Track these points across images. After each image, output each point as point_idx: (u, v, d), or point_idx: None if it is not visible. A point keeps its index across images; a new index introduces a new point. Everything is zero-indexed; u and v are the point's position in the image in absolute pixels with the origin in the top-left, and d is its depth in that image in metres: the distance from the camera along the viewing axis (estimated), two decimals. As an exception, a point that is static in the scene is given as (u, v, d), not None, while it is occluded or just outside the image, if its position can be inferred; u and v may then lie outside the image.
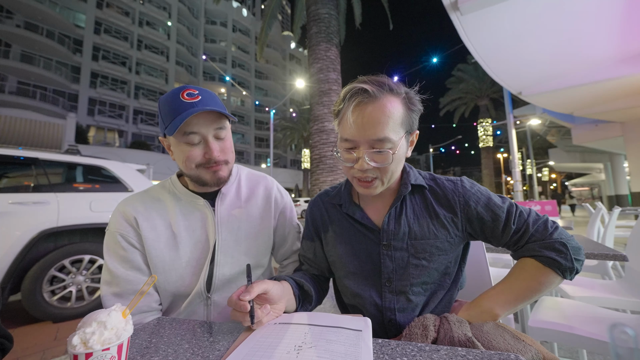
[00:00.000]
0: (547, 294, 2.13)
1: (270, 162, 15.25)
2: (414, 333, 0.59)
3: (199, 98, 0.71)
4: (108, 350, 0.38)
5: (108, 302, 0.70)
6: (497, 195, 0.73)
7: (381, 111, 0.61)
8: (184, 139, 0.71)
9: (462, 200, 0.70)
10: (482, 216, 0.69)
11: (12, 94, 18.03)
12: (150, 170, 4.51)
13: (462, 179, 0.75)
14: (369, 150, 0.63)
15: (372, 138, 0.62)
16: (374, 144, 0.62)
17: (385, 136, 0.61)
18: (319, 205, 0.85)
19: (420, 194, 0.74)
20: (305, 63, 38.80)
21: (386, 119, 0.62)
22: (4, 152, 2.34)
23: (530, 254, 0.67)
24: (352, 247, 0.74)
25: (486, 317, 0.64)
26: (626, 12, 4.57)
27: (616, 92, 6.68)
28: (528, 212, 0.69)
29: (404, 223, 0.70)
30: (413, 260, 0.68)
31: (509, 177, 29.43)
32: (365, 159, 0.63)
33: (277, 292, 0.61)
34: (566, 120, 11.24)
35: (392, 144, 0.62)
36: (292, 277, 0.74)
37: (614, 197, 14.92)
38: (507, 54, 5.93)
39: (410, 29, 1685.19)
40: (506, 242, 0.70)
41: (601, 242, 2.41)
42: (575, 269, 0.64)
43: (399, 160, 0.66)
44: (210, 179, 0.75)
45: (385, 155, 0.63)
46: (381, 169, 0.65)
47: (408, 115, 0.66)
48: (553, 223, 0.68)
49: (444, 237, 0.69)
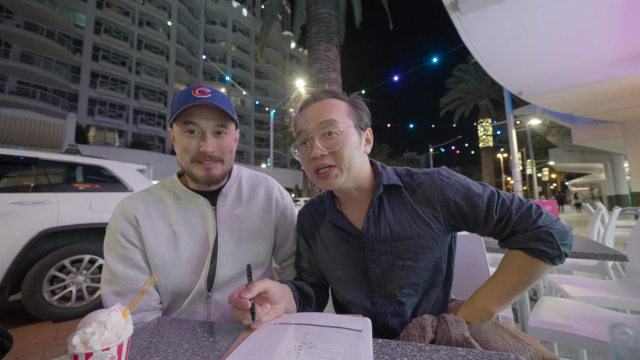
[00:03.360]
0: (546, 288, 2.14)
1: (270, 162, 15.24)
2: (411, 334, 0.59)
3: (209, 95, 0.73)
4: (108, 350, 0.38)
5: (108, 300, 0.70)
6: (477, 184, 0.70)
7: (325, 103, 0.70)
8: (184, 128, 0.73)
9: (439, 193, 0.68)
10: (462, 207, 0.67)
11: (12, 94, 18.02)
12: (150, 170, 4.51)
13: (439, 170, 0.72)
14: (319, 135, 0.68)
15: (318, 121, 0.68)
16: (321, 127, 0.68)
17: (330, 118, 0.67)
18: (307, 215, 0.86)
19: (397, 193, 0.72)
20: (305, 63, 38.78)
21: (330, 107, 0.69)
22: (4, 152, 2.34)
23: (517, 247, 0.66)
24: (339, 254, 0.74)
25: (482, 316, 0.64)
26: (626, 12, 4.57)
27: (616, 92, 6.68)
28: (511, 199, 0.67)
29: (384, 226, 0.69)
30: (399, 262, 0.67)
31: (509, 177, 29.44)
32: (317, 144, 0.67)
33: (277, 292, 0.61)
34: (566, 120, 11.23)
35: (338, 127, 0.67)
36: (291, 281, 0.75)
37: (614, 197, 14.92)
38: (507, 54, 5.92)
39: (410, 29, 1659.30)
40: (490, 232, 0.69)
41: (601, 242, 2.41)
42: (563, 254, 0.63)
43: (352, 147, 0.68)
44: (202, 175, 0.75)
45: (334, 138, 0.67)
46: (336, 155, 0.67)
47: (354, 110, 0.72)
48: (537, 208, 0.66)
49: (428, 234, 0.68)
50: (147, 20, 26.29)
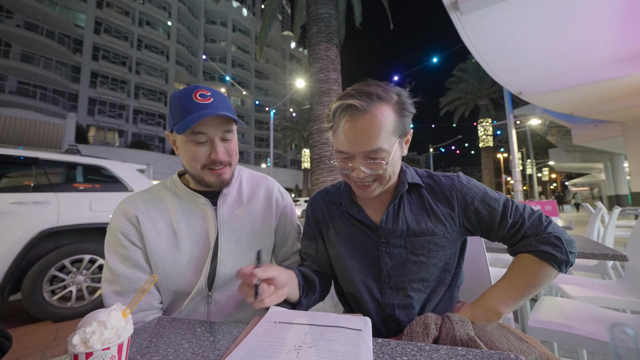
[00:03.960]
0: (546, 288, 2.14)
1: (270, 162, 15.26)
2: (415, 332, 0.59)
3: (211, 100, 0.72)
4: (108, 349, 0.38)
5: (109, 300, 0.70)
6: (492, 190, 0.75)
7: (372, 123, 0.62)
8: (191, 138, 0.72)
9: (459, 195, 0.72)
10: (479, 210, 0.71)
11: (12, 94, 18.03)
12: (150, 170, 4.51)
13: (458, 175, 0.76)
14: (364, 161, 0.65)
15: (365, 150, 0.63)
16: (367, 155, 0.64)
17: (378, 147, 0.63)
18: (320, 203, 0.86)
19: (417, 192, 0.75)
20: (305, 63, 38.79)
21: (378, 130, 0.62)
22: (4, 152, 2.34)
23: (526, 249, 0.69)
24: (352, 244, 0.76)
25: (490, 316, 0.64)
26: (626, 12, 4.57)
27: (616, 92, 6.68)
28: (523, 207, 0.72)
29: (401, 221, 0.71)
30: (411, 257, 0.70)
31: (509, 177, 29.44)
32: (361, 169, 0.65)
33: (283, 279, 0.63)
34: (566, 120, 11.24)
35: (385, 153, 0.64)
36: (297, 267, 0.76)
37: (614, 197, 14.93)
38: (507, 54, 5.93)
39: (410, 29, 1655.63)
40: (503, 236, 0.72)
41: (601, 242, 2.41)
42: (570, 261, 0.66)
43: (394, 164, 0.68)
44: (214, 181, 0.77)
45: (379, 164, 0.65)
46: (379, 175, 0.67)
47: (400, 121, 0.66)
48: (547, 217, 0.70)
49: (442, 233, 0.70)
50: (147, 20, 26.31)
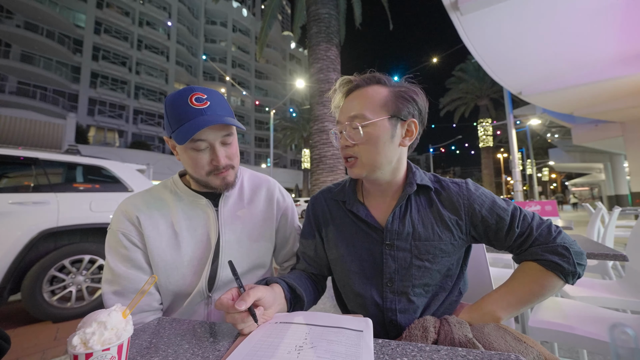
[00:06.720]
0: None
1: (270, 162, 15.25)
2: (413, 335, 0.59)
3: (207, 104, 0.70)
4: (108, 350, 0.38)
5: (109, 300, 0.70)
6: (501, 199, 0.73)
7: (362, 95, 0.69)
8: (191, 146, 0.71)
9: (467, 203, 0.70)
10: (487, 219, 0.69)
11: (12, 94, 18.03)
12: (150, 170, 4.51)
13: (467, 182, 0.74)
14: (348, 127, 0.68)
15: (349, 115, 0.68)
16: (350, 120, 0.68)
17: (358, 112, 0.66)
18: (321, 202, 0.84)
19: (426, 194, 0.73)
20: (305, 63, 38.80)
21: (364, 100, 0.68)
22: (4, 152, 2.34)
23: (533, 258, 0.67)
24: (353, 245, 0.74)
25: (488, 320, 0.63)
26: (626, 12, 4.57)
27: (616, 92, 6.68)
28: (532, 216, 0.69)
29: (408, 223, 0.69)
30: (416, 262, 0.68)
31: (509, 177, 29.43)
32: (344, 135, 0.69)
33: (269, 300, 0.60)
34: (566, 120, 11.25)
35: (367, 120, 0.66)
36: (285, 279, 0.70)
37: (614, 197, 14.93)
38: (507, 54, 5.93)
39: (410, 29, 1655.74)
40: (509, 246, 0.70)
41: (601, 242, 2.41)
42: (577, 273, 0.64)
43: (379, 140, 0.67)
44: (219, 184, 0.76)
45: (359, 131, 0.66)
46: (360, 148, 0.68)
47: (394, 101, 0.68)
48: (556, 227, 0.68)
49: (448, 239, 0.69)
50: (147, 20, 26.30)
